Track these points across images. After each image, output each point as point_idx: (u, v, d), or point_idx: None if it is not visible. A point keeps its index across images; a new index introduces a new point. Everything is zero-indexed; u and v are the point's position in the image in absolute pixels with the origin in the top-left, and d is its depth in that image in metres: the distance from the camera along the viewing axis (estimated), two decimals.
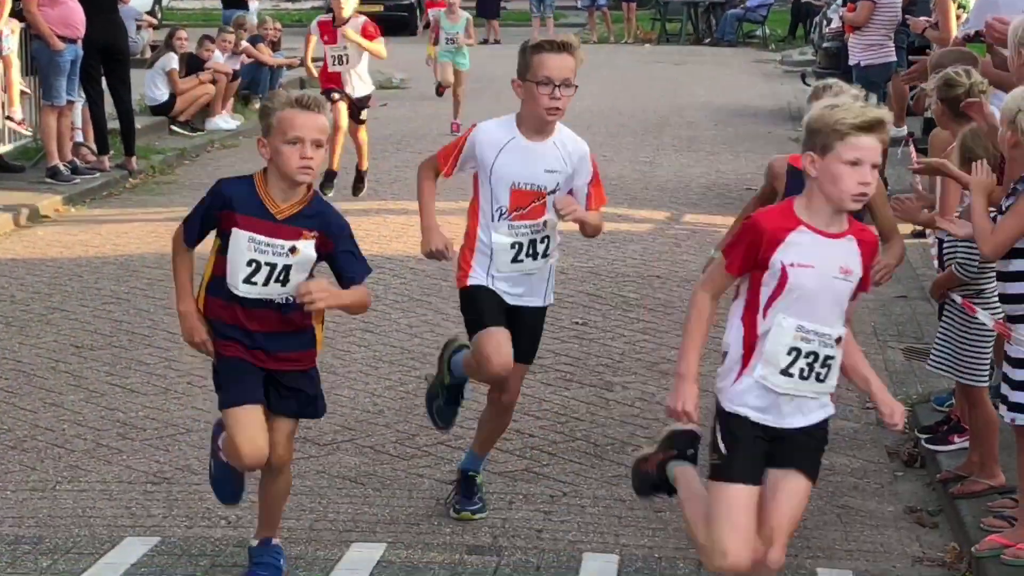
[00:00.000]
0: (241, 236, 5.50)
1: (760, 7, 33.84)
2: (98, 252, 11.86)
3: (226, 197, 5.60)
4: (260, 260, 5.49)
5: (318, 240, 5.53)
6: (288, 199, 5.55)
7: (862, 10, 13.96)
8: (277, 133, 5.48)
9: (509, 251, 6.26)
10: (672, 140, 18.22)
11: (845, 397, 8.12)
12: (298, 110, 5.52)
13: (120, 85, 15.34)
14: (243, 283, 5.53)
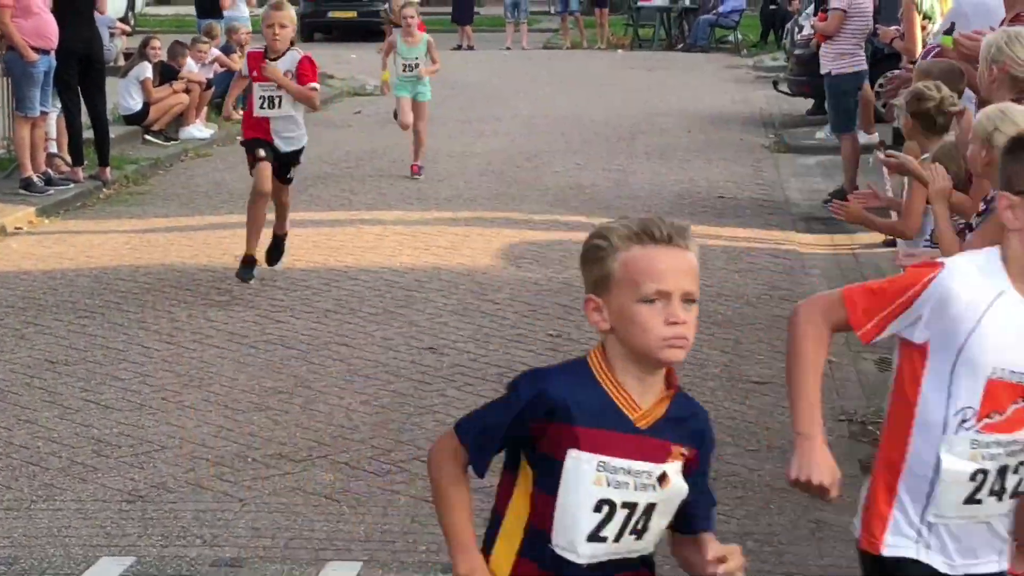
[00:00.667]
0: (586, 462, 3.38)
1: (732, 13, 33.94)
2: (72, 265, 11.85)
3: (555, 400, 3.40)
4: (616, 500, 3.38)
5: (689, 459, 3.48)
6: (646, 394, 3.45)
7: (833, 19, 14.02)
8: (625, 286, 3.38)
9: (967, 484, 3.75)
10: (645, 147, 18.26)
11: None
12: (656, 247, 3.40)
13: (96, 93, 15.33)
14: (588, 540, 3.39)
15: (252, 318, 10.12)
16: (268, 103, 10.79)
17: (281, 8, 10.82)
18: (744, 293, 10.88)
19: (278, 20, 10.78)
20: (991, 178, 5.63)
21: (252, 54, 11.14)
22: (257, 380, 8.71)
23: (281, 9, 10.82)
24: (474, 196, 14.93)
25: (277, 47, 10.80)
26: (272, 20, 10.78)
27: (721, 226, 13.41)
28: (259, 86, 10.77)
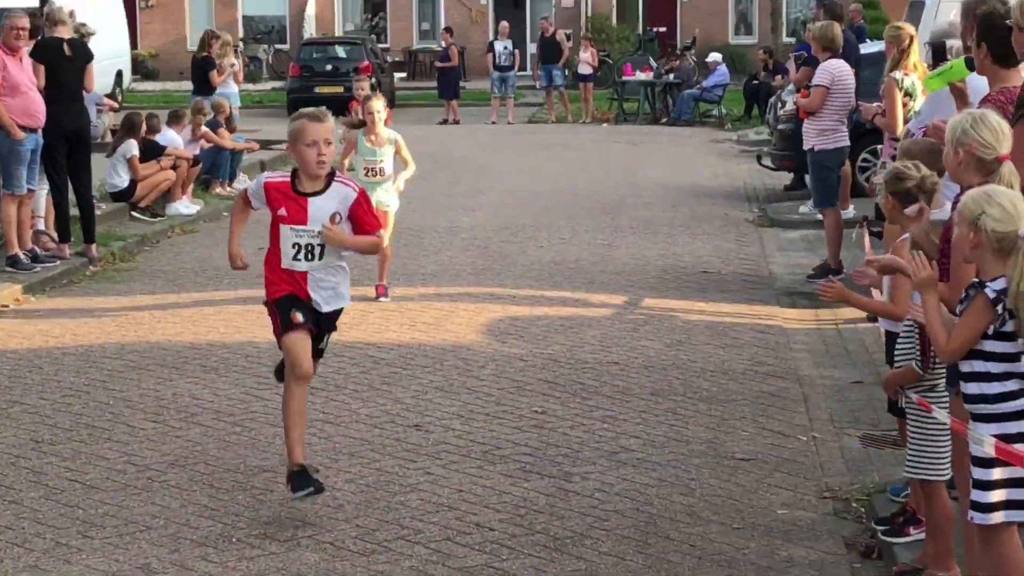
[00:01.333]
0: None
1: (716, 87, 34.19)
2: (58, 343, 11.87)
3: None
4: None
5: None
6: None
7: (816, 96, 14.13)
8: None
9: None
10: (630, 222, 18.35)
11: (802, 487, 8.21)
12: None
13: (82, 171, 15.39)
14: None
15: (238, 395, 10.13)
16: (306, 253, 7.90)
17: (323, 120, 7.92)
18: (729, 368, 10.91)
19: (323, 136, 7.84)
20: (978, 260, 5.69)
21: (274, 186, 8.01)
22: (242, 459, 8.71)
23: (323, 121, 7.91)
24: (459, 271, 14.98)
25: (318, 172, 7.88)
26: (314, 136, 7.82)
27: (706, 301, 13.46)
28: (291, 230, 7.88)
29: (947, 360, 5.79)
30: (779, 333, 12.19)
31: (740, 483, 8.27)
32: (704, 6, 49.60)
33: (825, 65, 14.16)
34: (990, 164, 6.14)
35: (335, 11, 50.95)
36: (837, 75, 14.08)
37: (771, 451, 8.89)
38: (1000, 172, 6.03)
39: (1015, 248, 5.51)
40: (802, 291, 13.92)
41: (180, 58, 48.38)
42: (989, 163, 6.14)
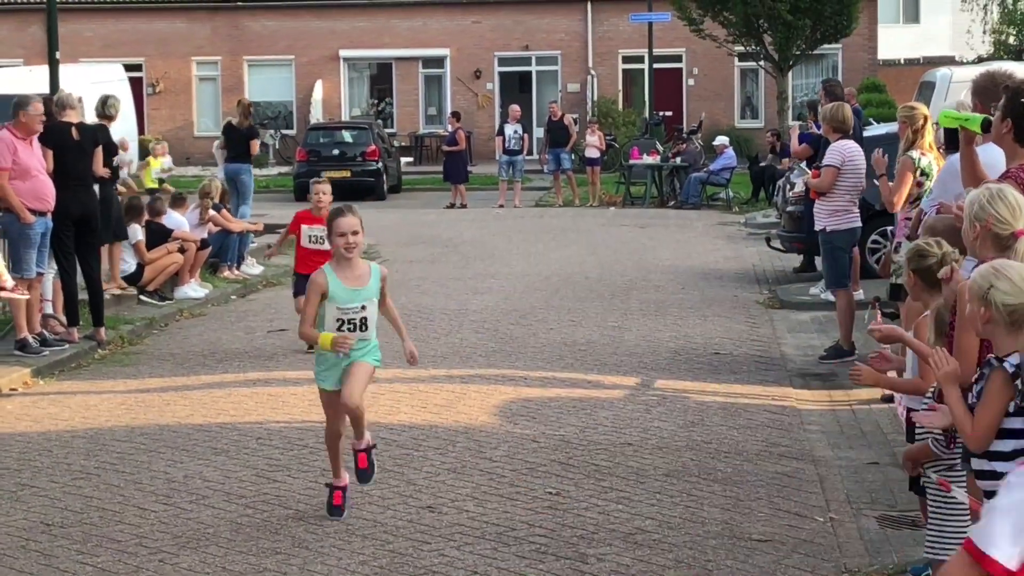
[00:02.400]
0: None
1: (723, 170, 34.28)
2: (68, 426, 11.81)
3: None
4: None
5: None
6: None
7: (827, 176, 14.14)
8: None
9: None
10: (639, 304, 18.32)
11: (821, 568, 8.11)
12: None
13: (90, 255, 15.40)
14: None
15: (249, 478, 10.05)
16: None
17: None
18: (743, 449, 10.83)
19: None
20: (991, 336, 5.64)
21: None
22: (254, 541, 8.63)
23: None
24: (469, 354, 14.93)
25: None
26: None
27: (718, 382, 13.40)
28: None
29: (977, 448, 5.68)
30: (793, 414, 12.12)
31: (758, 564, 8.17)
32: (710, 90, 49.87)
33: (836, 146, 14.17)
34: (1006, 239, 6.11)
35: (342, 96, 51.24)
36: (848, 156, 14.09)
37: (788, 532, 8.80)
38: (1016, 248, 6.01)
39: None
40: (815, 372, 13.86)
41: (188, 143, 48.75)
42: (1005, 238, 6.12)
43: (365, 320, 8.87)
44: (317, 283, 8.81)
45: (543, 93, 50.06)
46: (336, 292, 8.77)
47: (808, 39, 38.94)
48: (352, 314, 8.82)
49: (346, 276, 8.85)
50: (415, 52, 50.99)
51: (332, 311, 8.82)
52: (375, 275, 8.96)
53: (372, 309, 8.90)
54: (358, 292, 8.83)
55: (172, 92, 51.18)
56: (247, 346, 15.60)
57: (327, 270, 8.87)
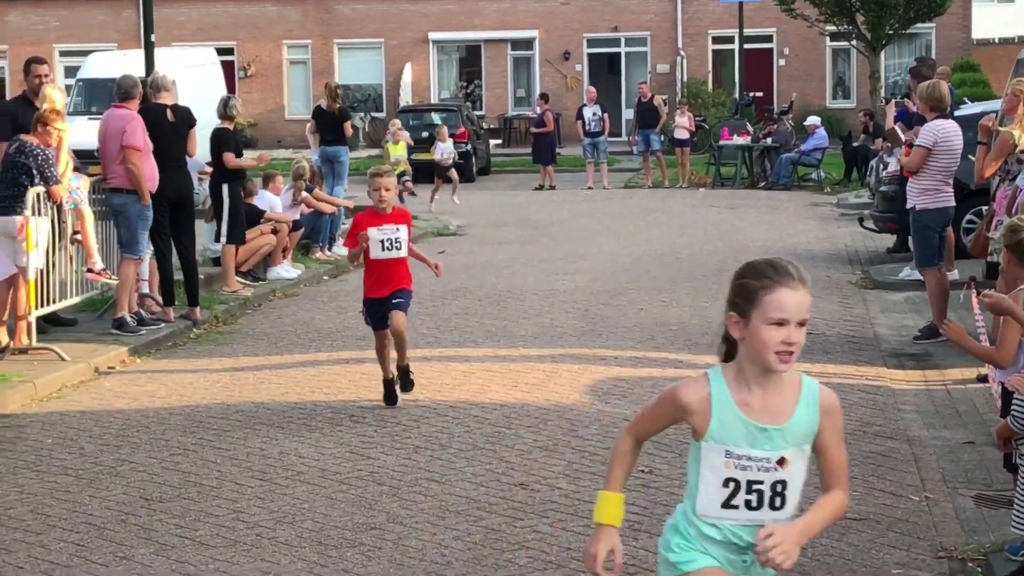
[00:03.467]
0: None
1: (815, 150, 34.03)
2: (164, 403, 11.97)
3: None
4: None
5: None
6: None
7: (916, 156, 14.01)
8: None
9: None
10: None
11: (916, 546, 8.07)
12: None
13: (186, 236, 15.60)
14: None
15: (343, 454, 10.14)
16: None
17: None
18: None
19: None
20: None
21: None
22: (349, 516, 8.71)
23: None
24: (560, 333, 14.95)
25: None
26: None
27: (811, 363, 13.30)
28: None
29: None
30: (887, 394, 12.04)
31: (852, 543, 8.14)
32: (801, 70, 49.53)
33: (931, 125, 14.02)
34: None
35: (431, 79, 51.41)
36: (942, 136, 13.93)
37: (883, 511, 8.75)
38: None
39: None
40: (909, 352, 13.76)
41: (279, 126, 49.12)
42: None
43: None
44: None
45: (632, 74, 49.96)
46: None
47: (901, 18, 38.58)
48: None
49: None
50: (504, 34, 51.05)
51: None
52: None
53: None
54: None
55: (263, 76, 51.59)
56: (339, 325, 15.71)
57: None
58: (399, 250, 11.46)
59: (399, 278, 11.52)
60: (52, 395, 12.36)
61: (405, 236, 11.47)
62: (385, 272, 11.49)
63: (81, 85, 36.74)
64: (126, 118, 14.66)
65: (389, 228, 11.42)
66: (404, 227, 11.49)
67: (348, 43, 51.65)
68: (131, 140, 14.52)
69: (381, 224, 11.39)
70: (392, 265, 11.48)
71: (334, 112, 23.63)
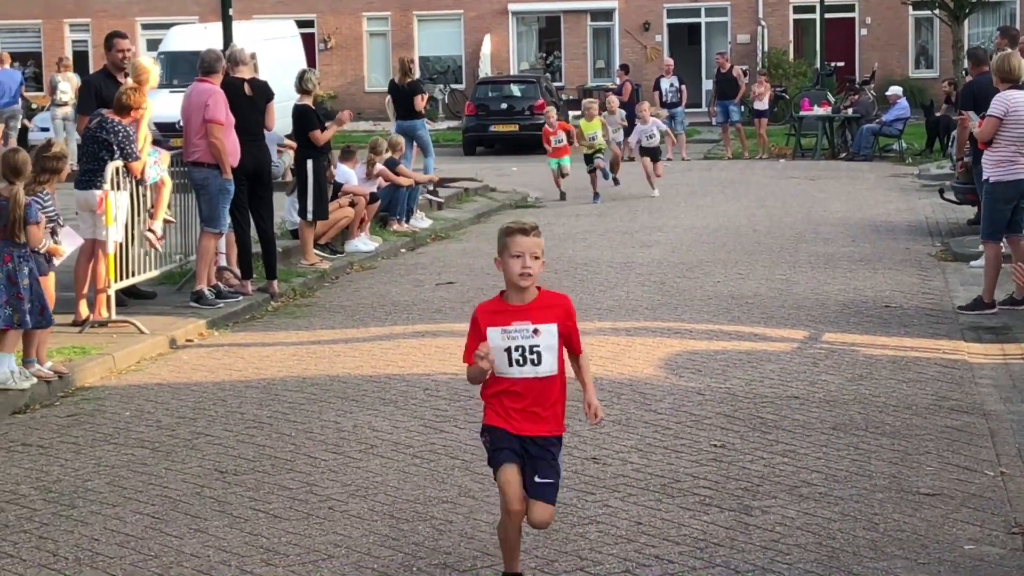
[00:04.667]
0: None
1: (896, 121, 33.69)
2: (241, 376, 12.07)
3: None
4: None
5: None
6: None
7: (987, 126, 13.89)
8: None
9: None
10: (808, 257, 18.15)
11: (990, 522, 8.00)
12: None
13: (263, 209, 15.70)
14: None
15: (416, 428, 10.19)
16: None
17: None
18: (912, 403, 10.70)
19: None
20: None
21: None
22: (421, 490, 8.75)
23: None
24: (635, 306, 14.93)
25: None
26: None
27: (888, 335, 13.24)
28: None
29: None
30: (964, 368, 11.93)
31: (925, 518, 8.09)
32: (883, 40, 49.03)
33: (1002, 95, 13.89)
34: None
35: (510, 50, 51.35)
36: (1012, 106, 13.80)
37: (957, 486, 8.68)
38: None
39: None
40: (988, 326, 13.63)
41: (359, 99, 49.23)
42: None
43: None
44: None
45: (712, 45, 49.64)
46: None
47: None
48: None
49: None
50: (583, 5, 50.89)
51: None
52: None
53: None
54: None
55: (343, 48, 51.74)
56: (415, 298, 15.78)
57: None
58: (538, 365, 6.92)
59: (546, 412, 7.10)
60: (131, 368, 12.50)
61: (554, 341, 6.90)
62: (523, 394, 7.03)
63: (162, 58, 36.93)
64: (208, 92, 14.78)
65: (522, 329, 6.90)
66: (552, 326, 6.89)
67: (427, 15, 51.68)
68: (214, 114, 14.64)
69: (510, 322, 6.89)
70: (534, 387, 7.00)
71: (405, 86, 23.66)
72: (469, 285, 16.56)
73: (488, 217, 24.08)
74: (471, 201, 25.90)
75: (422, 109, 24.25)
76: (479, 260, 18.61)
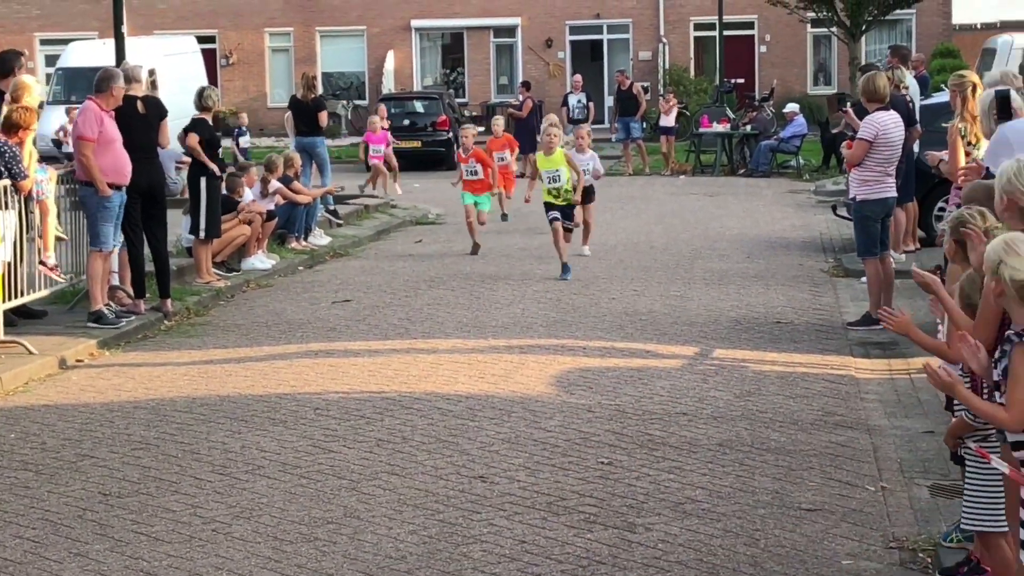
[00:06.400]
0: None
1: (794, 138, 34.05)
2: (130, 397, 11.98)
3: None
4: None
5: None
6: None
7: (857, 149, 14.14)
8: None
9: None
10: (703, 273, 18.30)
11: (869, 537, 8.11)
12: None
13: (157, 228, 15.56)
14: None
15: (305, 448, 10.16)
16: None
17: None
18: (798, 419, 10.82)
19: None
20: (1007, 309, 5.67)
21: None
22: (307, 511, 8.73)
23: None
24: (530, 323, 14.98)
25: None
26: None
27: (778, 351, 13.38)
28: None
29: (1019, 427, 5.67)
30: (851, 383, 12.08)
31: (805, 534, 8.18)
32: (782, 57, 49.54)
33: (871, 119, 14.10)
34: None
35: (414, 66, 51.34)
36: (881, 128, 14.03)
37: (838, 501, 8.79)
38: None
39: None
40: (876, 341, 13.80)
41: (261, 115, 48.98)
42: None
43: None
44: None
45: (615, 61, 49.90)
46: None
47: (880, 4, 38.55)
48: None
49: None
50: (486, 21, 51.00)
51: None
52: None
53: None
54: None
55: (245, 63, 51.50)
56: (311, 317, 15.73)
57: None
58: None
59: None
60: (18, 389, 12.37)
61: None
62: None
63: (60, 74, 36.72)
64: (82, 109, 14.74)
65: None
66: None
67: (330, 31, 51.56)
68: (81, 131, 14.54)
69: None
70: None
71: (308, 102, 23.61)
72: (366, 303, 16.54)
73: (388, 234, 24.05)
74: (371, 218, 25.85)
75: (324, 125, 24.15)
76: (377, 277, 18.59)
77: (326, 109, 24.45)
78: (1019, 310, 5.60)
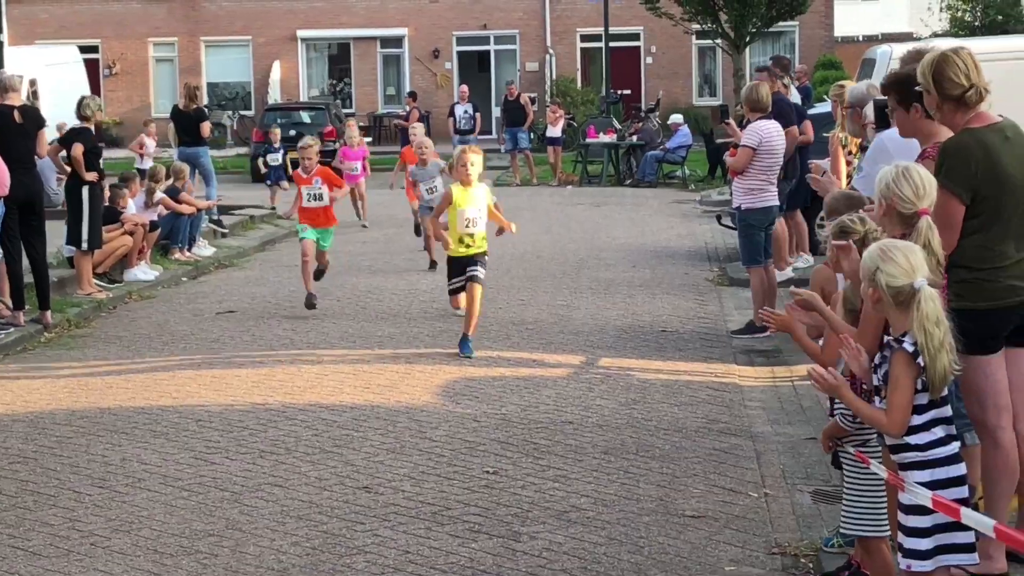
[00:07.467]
0: None
1: (679, 148, 34.30)
2: (7, 410, 11.76)
3: None
4: None
5: None
6: None
7: (741, 156, 14.26)
8: None
9: None
10: (589, 283, 18.35)
11: (751, 543, 8.16)
12: None
13: (36, 238, 15.31)
14: None
15: (187, 460, 10.04)
16: None
17: None
18: (683, 426, 10.86)
19: None
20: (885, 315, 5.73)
21: None
22: (188, 524, 8.62)
23: None
24: (416, 334, 14.93)
25: None
26: None
27: (663, 360, 13.44)
28: None
29: (899, 433, 5.72)
30: (735, 391, 12.16)
31: (689, 540, 8.21)
32: (668, 68, 49.90)
33: (753, 126, 14.25)
34: (910, 218, 6.19)
35: (300, 77, 51.09)
36: (765, 136, 14.18)
37: (721, 508, 8.84)
38: (919, 226, 6.06)
39: (912, 300, 5.57)
40: (759, 349, 13.91)
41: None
42: (909, 216, 6.20)
43: None
44: None
45: (502, 72, 50.01)
46: None
47: (763, 16, 38.96)
48: None
49: None
50: (373, 32, 50.87)
51: None
52: None
53: None
54: None
55: (129, 74, 50.94)
56: (194, 328, 15.56)
57: None
58: None
59: None
60: None
61: None
62: None
63: None
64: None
65: None
66: None
67: (215, 41, 51.16)
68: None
69: None
70: None
71: (191, 112, 23.39)
72: (250, 314, 16.39)
73: (273, 245, 23.88)
74: (256, 228, 25.66)
75: (206, 135, 23.95)
76: (262, 288, 18.44)
77: (208, 119, 24.25)
78: (897, 316, 5.66)
